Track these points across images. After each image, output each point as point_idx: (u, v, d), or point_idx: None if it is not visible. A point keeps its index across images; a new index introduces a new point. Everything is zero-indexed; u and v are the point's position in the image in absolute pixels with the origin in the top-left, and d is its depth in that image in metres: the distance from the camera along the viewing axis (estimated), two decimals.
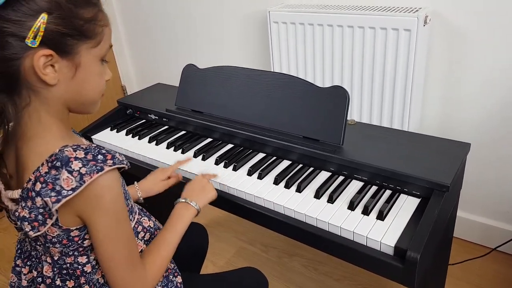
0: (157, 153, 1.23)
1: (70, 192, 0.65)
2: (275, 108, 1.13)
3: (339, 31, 1.52)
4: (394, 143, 1.06)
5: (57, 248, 0.73)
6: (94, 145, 0.70)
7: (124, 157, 0.73)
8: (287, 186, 1.01)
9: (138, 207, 0.90)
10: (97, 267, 0.77)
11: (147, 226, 0.87)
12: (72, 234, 0.71)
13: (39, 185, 0.66)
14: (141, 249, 0.84)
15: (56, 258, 0.76)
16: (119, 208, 0.71)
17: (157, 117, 1.40)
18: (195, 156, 1.19)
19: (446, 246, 1.24)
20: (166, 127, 1.38)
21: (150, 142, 1.30)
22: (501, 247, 1.58)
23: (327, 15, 1.52)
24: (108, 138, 1.35)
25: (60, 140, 0.69)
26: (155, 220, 0.93)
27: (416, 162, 0.96)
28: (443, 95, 1.54)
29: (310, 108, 1.07)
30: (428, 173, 0.91)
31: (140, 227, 0.86)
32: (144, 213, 0.90)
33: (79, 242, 0.73)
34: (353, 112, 1.63)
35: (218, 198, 0.99)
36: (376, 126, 1.17)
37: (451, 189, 0.89)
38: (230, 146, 1.23)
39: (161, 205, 1.03)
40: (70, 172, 0.65)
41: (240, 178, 1.07)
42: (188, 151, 1.22)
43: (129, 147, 1.28)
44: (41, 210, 0.67)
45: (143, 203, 1.04)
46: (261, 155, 1.16)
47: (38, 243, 0.75)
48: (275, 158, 1.14)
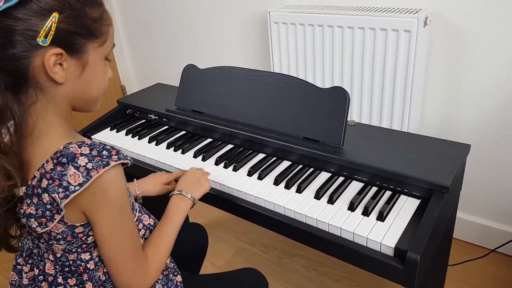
0: (157, 153, 1.23)
1: (78, 188, 0.65)
2: (275, 109, 1.13)
3: (339, 32, 1.52)
4: (394, 144, 1.06)
5: (61, 245, 0.74)
6: (98, 142, 0.71)
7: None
8: (287, 187, 1.01)
9: (138, 205, 0.91)
10: (100, 264, 0.77)
11: (147, 224, 0.87)
12: (77, 231, 0.72)
13: (46, 182, 0.66)
14: None
15: (59, 256, 0.76)
16: (124, 203, 0.73)
17: (157, 117, 1.40)
18: (195, 157, 1.19)
19: (446, 247, 1.24)
20: (166, 127, 1.38)
21: (150, 142, 1.30)
22: (501, 248, 1.58)
23: (327, 16, 1.52)
24: (108, 138, 1.35)
25: (64, 139, 0.70)
26: (155, 219, 0.93)
27: (416, 163, 0.96)
28: (443, 96, 1.54)
29: (310, 109, 1.07)
30: (428, 174, 0.91)
31: (141, 225, 0.86)
32: (144, 211, 0.91)
33: (83, 239, 0.73)
34: (353, 113, 1.63)
35: (218, 199, 0.99)
36: (376, 127, 1.17)
37: (451, 190, 0.89)
38: (230, 147, 1.23)
39: (160, 205, 1.03)
40: (77, 168, 0.66)
41: (240, 179, 1.07)
42: (188, 151, 1.22)
43: (129, 147, 1.28)
44: (49, 206, 0.68)
45: (140, 202, 1.04)
46: (261, 156, 1.16)
47: (41, 241, 0.75)
48: (275, 159, 1.14)
